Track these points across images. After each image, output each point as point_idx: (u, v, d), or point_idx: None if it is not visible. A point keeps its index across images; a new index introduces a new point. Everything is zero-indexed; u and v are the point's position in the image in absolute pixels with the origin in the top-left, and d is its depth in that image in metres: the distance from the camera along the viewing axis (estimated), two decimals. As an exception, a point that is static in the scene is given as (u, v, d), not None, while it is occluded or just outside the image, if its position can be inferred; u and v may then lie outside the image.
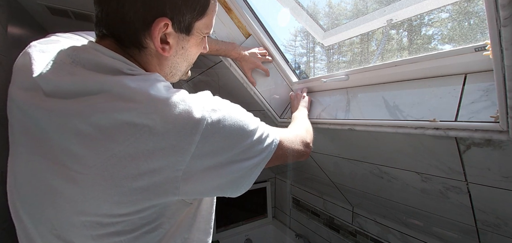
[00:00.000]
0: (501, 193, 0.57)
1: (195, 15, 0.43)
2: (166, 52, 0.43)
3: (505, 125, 0.44)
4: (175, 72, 0.49)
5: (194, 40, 0.47)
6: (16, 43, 0.89)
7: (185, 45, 0.46)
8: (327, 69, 3.55)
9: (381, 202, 0.99)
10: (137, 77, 0.37)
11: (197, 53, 0.51)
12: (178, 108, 0.36)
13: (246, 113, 0.46)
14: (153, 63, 0.45)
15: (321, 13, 2.53)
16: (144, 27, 0.39)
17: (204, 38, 0.49)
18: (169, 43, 0.43)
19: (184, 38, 0.45)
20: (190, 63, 0.51)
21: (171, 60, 0.46)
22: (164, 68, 0.47)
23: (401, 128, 0.61)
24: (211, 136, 0.37)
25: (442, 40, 1.22)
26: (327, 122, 0.82)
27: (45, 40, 0.45)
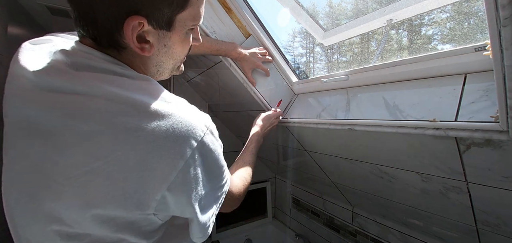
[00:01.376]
0: (501, 193, 0.57)
1: (174, 8, 0.39)
2: (146, 52, 0.39)
3: (505, 125, 0.44)
4: (162, 70, 0.46)
5: (178, 36, 0.42)
6: (16, 43, 0.89)
7: (168, 42, 0.42)
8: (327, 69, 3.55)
9: (381, 202, 0.99)
10: (131, 83, 0.36)
11: (185, 48, 0.46)
12: (169, 128, 0.34)
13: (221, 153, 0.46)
14: (136, 63, 0.42)
15: (321, 13, 2.53)
16: (118, 27, 0.36)
17: (191, 31, 0.45)
18: (150, 42, 0.39)
19: (165, 34, 0.41)
20: (177, 60, 0.47)
21: (155, 59, 0.43)
22: (149, 67, 0.44)
23: (401, 128, 0.61)
24: (197, 166, 0.37)
25: (442, 40, 1.22)
26: (327, 122, 0.82)
27: (36, 40, 0.44)
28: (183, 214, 0.40)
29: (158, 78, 0.47)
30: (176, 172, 0.34)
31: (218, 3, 0.90)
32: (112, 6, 0.34)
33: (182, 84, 1.53)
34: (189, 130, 0.36)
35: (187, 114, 0.37)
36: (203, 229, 0.42)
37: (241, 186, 0.62)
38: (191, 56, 1.15)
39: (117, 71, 0.37)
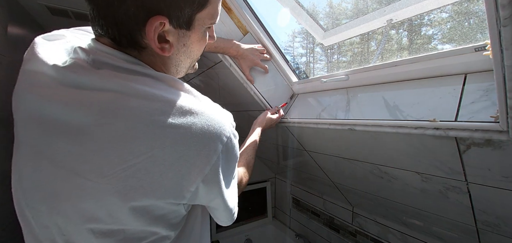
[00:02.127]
0: (501, 193, 0.57)
1: (195, 7, 0.38)
2: (166, 52, 0.39)
3: (505, 125, 0.44)
4: (179, 69, 0.47)
5: (197, 35, 0.42)
6: (16, 43, 0.89)
7: (187, 41, 0.42)
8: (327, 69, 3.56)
9: (381, 202, 0.99)
10: (157, 83, 0.37)
11: (202, 47, 0.47)
12: (204, 125, 0.36)
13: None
14: (157, 63, 0.42)
15: (321, 13, 2.53)
16: (139, 28, 0.36)
17: (208, 29, 0.45)
18: (169, 42, 0.39)
19: (185, 34, 0.41)
20: (194, 58, 0.48)
21: (174, 58, 0.43)
22: (169, 67, 0.44)
23: (401, 128, 0.61)
24: (225, 160, 0.39)
25: (442, 40, 1.22)
26: (327, 122, 0.82)
27: (49, 35, 0.44)
28: (210, 204, 0.42)
29: (176, 76, 0.48)
30: (210, 166, 0.36)
31: (218, 3, 0.90)
32: (135, 6, 0.34)
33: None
34: (220, 126, 0.37)
35: (216, 112, 0.39)
36: (230, 214, 0.46)
37: (242, 180, 0.67)
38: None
39: (139, 71, 0.37)
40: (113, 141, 0.32)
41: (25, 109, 0.36)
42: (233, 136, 0.41)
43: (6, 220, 0.82)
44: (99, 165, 0.32)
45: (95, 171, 0.32)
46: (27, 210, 0.36)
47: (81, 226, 0.34)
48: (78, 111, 0.33)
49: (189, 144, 0.34)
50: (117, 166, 0.32)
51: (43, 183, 0.34)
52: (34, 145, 0.35)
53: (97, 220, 0.34)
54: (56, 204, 0.34)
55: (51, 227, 0.35)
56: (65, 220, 0.34)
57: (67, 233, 0.35)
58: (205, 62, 1.11)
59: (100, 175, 0.32)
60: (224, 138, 0.38)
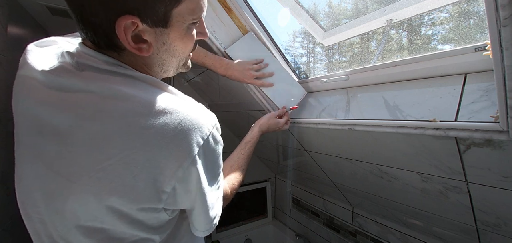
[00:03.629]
0: (501, 193, 0.57)
1: (169, 3, 0.36)
2: (144, 52, 0.38)
3: (505, 125, 0.44)
4: (166, 69, 0.45)
5: (178, 32, 0.40)
6: (16, 43, 0.89)
7: (167, 40, 0.40)
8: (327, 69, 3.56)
9: (381, 202, 0.99)
10: (136, 83, 0.37)
11: (188, 44, 0.44)
12: (177, 125, 0.35)
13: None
14: (139, 64, 0.41)
15: (321, 13, 2.53)
16: (111, 29, 0.34)
17: (194, 25, 0.43)
18: (148, 41, 0.38)
19: (163, 32, 0.39)
20: (181, 57, 0.45)
21: (156, 58, 0.41)
22: (152, 67, 0.43)
23: (401, 128, 0.61)
24: (204, 162, 0.38)
25: (442, 40, 1.22)
26: (327, 122, 0.82)
27: (41, 42, 0.45)
28: (191, 208, 0.42)
29: (163, 76, 0.47)
30: (183, 169, 0.35)
31: (218, 3, 0.90)
32: (103, 7, 0.33)
33: (182, 84, 1.53)
34: (196, 127, 0.36)
35: (194, 112, 0.37)
36: (209, 223, 0.44)
37: (228, 191, 0.62)
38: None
39: (119, 72, 0.37)
40: (89, 143, 0.33)
41: (21, 111, 0.38)
42: (213, 139, 0.39)
43: (6, 220, 0.82)
44: (79, 167, 0.33)
45: (75, 173, 0.33)
46: (29, 208, 0.37)
47: (70, 224, 0.35)
48: (61, 114, 0.34)
49: (160, 145, 0.33)
50: (92, 168, 0.33)
51: (38, 182, 0.36)
52: (30, 145, 0.36)
53: (81, 219, 0.35)
54: (50, 203, 0.35)
55: (49, 225, 0.37)
56: (57, 219, 0.36)
57: (61, 231, 0.36)
58: (205, 62, 1.11)
59: (79, 177, 0.33)
60: (201, 139, 0.37)
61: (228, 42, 0.94)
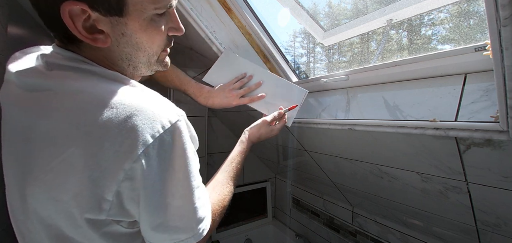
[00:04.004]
0: (501, 193, 0.57)
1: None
2: (100, 42, 0.36)
3: (505, 125, 0.44)
4: (134, 64, 0.42)
5: (138, 23, 0.37)
6: (16, 43, 0.89)
7: (125, 30, 0.37)
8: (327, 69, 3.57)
9: (381, 202, 0.99)
10: (92, 78, 0.36)
11: (156, 37, 0.41)
12: (122, 121, 0.31)
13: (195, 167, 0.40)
14: (100, 58, 0.38)
15: (321, 13, 2.53)
16: (59, 16, 0.33)
17: (161, 17, 0.40)
18: (104, 32, 0.36)
19: (119, 21, 0.36)
20: (148, 51, 0.42)
21: (117, 51, 0.39)
22: (115, 61, 0.40)
23: (401, 128, 0.61)
24: (157, 161, 0.33)
25: (442, 40, 1.22)
26: (327, 122, 0.82)
27: (26, 50, 0.46)
28: (140, 220, 0.36)
29: (136, 74, 0.44)
30: (125, 171, 0.31)
31: (218, 3, 0.90)
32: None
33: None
34: (146, 123, 0.32)
35: (148, 107, 0.33)
36: (169, 239, 0.36)
37: (217, 208, 0.53)
38: (191, 57, 1.15)
39: (81, 68, 0.36)
40: (42, 142, 0.32)
41: (4, 116, 0.38)
42: (171, 137, 0.34)
43: (6, 220, 0.82)
44: (36, 166, 0.33)
45: (34, 173, 0.33)
46: (11, 211, 0.38)
47: (39, 228, 0.35)
48: (27, 113, 0.35)
49: (101, 143, 0.30)
50: (44, 168, 0.32)
51: (16, 185, 0.36)
52: (8, 147, 0.37)
53: (46, 223, 0.34)
54: (23, 205, 0.35)
55: (23, 228, 0.37)
56: (29, 222, 0.36)
57: (34, 235, 0.36)
58: (205, 62, 1.11)
59: (36, 177, 0.32)
60: (150, 136, 0.32)
61: (228, 43, 0.94)
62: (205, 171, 1.49)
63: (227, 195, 0.59)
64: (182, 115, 0.37)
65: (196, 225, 0.38)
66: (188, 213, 0.37)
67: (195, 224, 0.38)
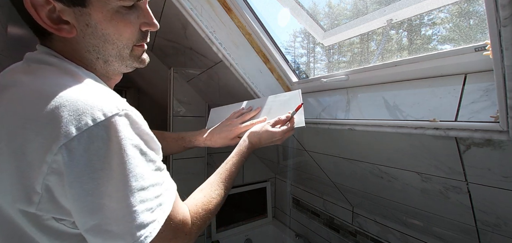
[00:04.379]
0: (501, 193, 0.57)
1: None
2: (64, 32, 0.36)
3: (505, 125, 0.44)
4: (104, 58, 0.41)
5: (102, 13, 0.38)
6: (16, 43, 0.89)
7: (89, 21, 0.37)
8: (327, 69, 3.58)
9: (381, 202, 0.99)
10: (43, 70, 0.36)
11: (124, 30, 0.41)
12: (53, 109, 0.30)
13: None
14: (67, 50, 0.39)
15: (321, 13, 2.53)
16: (22, 5, 0.34)
17: (129, 10, 0.40)
18: (69, 22, 0.36)
19: (82, 11, 0.36)
20: (118, 44, 0.41)
21: (83, 42, 0.39)
22: (82, 53, 0.40)
23: (401, 128, 0.61)
24: (86, 154, 0.31)
25: (442, 40, 1.23)
26: (327, 122, 0.82)
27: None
28: (76, 223, 0.33)
29: (109, 69, 0.44)
30: (47, 165, 0.30)
31: (218, 3, 0.90)
32: None
33: (182, 84, 1.53)
34: (71, 115, 0.30)
35: (79, 99, 0.32)
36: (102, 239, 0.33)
37: (200, 211, 0.48)
38: (193, 58, 1.15)
39: (42, 60, 0.38)
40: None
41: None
42: (106, 131, 0.31)
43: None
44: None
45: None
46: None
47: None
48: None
49: (27, 134, 0.30)
50: None
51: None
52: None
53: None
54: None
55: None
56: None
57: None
58: (205, 62, 1.11)
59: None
60: (74, 129, 0.30)
61: (228, 43, 0.94)
62: (205, 171, 1.49)
63: (215, 198, 0.54)
64: (125, 110, 0.34)
65: (136, 231, 0.34)
66: (125, 217, 0.33)
67: (134, 229, 0.33)
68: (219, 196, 0.55)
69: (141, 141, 0.36)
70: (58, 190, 0.31)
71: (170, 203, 0.40)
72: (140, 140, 0.36)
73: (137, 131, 0.36)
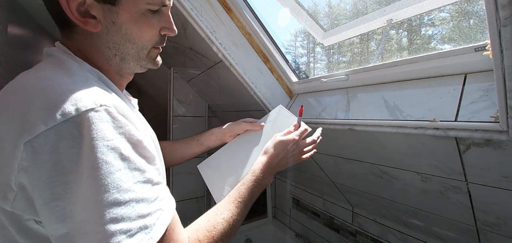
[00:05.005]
0: (501, 193, 0.57)
1: None
2: (90, 26, 0.37)
3: (505, 125, 0.44)
4: (122, 55, 0.42)
5: (129, 14, 0.39)
6: (16, 43, 0.89)
7: (116, 19, 0.38)
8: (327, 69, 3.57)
9: (381, 202, 0.99)
10: (43, 63, 0.37)
11: (146, 32, 0.42)
12: (27, 101, 0.29)
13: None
14: (87, 44, 0.40)
15: (321, 13, 2.52)
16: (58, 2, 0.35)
17: (154, 14, 0.41)
18: (96, 17, 0.37)
19: (111, 9, 0.38)
20: (138, 45, 0.42)
21: (105, 38, 0.40)
22: (101, 49, 0.40)
23: (401, 128, 0.61)
24: (55, 152, 0.27)
25: (442, 40, 1.22)
26: (327, 122, 0.82)
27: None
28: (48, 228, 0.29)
29: (123, 66, 0.44)
30: (17, 161, 0.27)
31: (218, 3, 0.90)
32: None
33: (182, 84, 1.53)
34: (41, 108, 0.28)
35: (53, 92, 0.29)
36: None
37: (202, 238, 0.41)
38: (193, 58, 1.15)
39: (49, 53, 0.39)
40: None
41: None
42: (77, 128, 0.28)
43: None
44: None
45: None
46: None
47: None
48: None
49: (6, 124, 0.29)
50: None
51: None
52: None
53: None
54: None
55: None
56: None
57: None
58: (205, 62, 1.11)
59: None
60: (43, 123, 0.27)
61: (228, 43, 0.94)
62: (205, 171, 1.49)
63: (221, 223, 0.45)
64: (104, 105, 0.30)
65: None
66: (93, 234, 0.28)
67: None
68: (225, 221, 0.46)
69: (125, 143, 0.31)
70: (31, 189, 0.28)
71: (160, 227, 0.32)
72: (123, 142, 0.31)
73: (121, 131, 0.31)
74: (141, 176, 0.32)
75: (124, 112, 0.33)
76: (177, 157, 0.77)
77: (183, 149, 0.78)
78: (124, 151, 0.31)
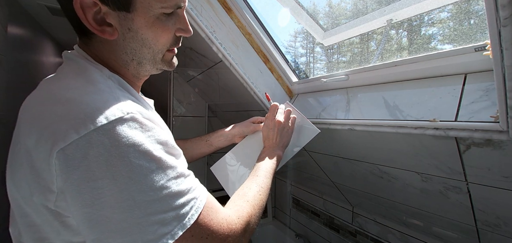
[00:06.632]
0: (501, 193, 0.57)
1: None
2: (107, 34, 0.38)
3: (505, 125, 0.44)
4: (139, 60, 0.43)
5: (144, 19, 0.39)
6: (16, 43, 0.89)
7: (132, 25, 0.39)
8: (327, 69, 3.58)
9: (381, 202, 0.99)
10: (65, 70, 0.39)
11: (162, 36, 0.42)
12: (50, 113, 0.31)
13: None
14: (105, 51, 0.41)
15: (321, 13, 2.52)
16: (72, 7, 0.36)
17: (169, 17, 0.42)
18: (112, 25, 0.38)
19: (126, 16, 0.38)
20: (154, 49, 0.43)
21: (122, 45, 0.40)
22: (120, 55, 0.41)
23: (401, 128, 0.61)
24: (85, 161, 0.29)
25: (442, 40, 1.22)
26: (327, 122, 0.82)
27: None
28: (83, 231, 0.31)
29: (140, 70, 0.45)
30: (54, 167, 0.29)
31: (218, 3, 0.90)
32: None
33: (182, 84, 1.53)
34: (73, 118, 0.30)
35: (82, 101, 0.31)
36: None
37: (245, 213, 0.46)
38: (193, 58, 1.15)
39: (73, 59, 0.40)
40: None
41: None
42: (107, 136, 0.30)
43: (6, 220, 0.82)
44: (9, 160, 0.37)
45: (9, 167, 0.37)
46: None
47: (18, 219, 0.37)
48: None
49: (33, 134, 0.31)
50: (10, 156, 0.36)
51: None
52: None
53: (20, 212, 0.36)
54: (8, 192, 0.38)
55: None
56: (12, 207, 0.38)
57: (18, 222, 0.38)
58: (205, 62, 1.11)
59: (8, 165, 0.37)
60: (75, 132, 0.29)
61: (228, 43, 0.94)
62: (205, 172, 1.49)
63: (249, 188, 0.54)
64: (131, 113, 0.32)
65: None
66: (132, 229, 0.30)
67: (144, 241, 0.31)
68: (254, 186, 0.55)
69: (155, 145, 0.33)
70: (66, 194, 0.31)
71: (194, 215, 0.35)
72: (153, 144, 0.33)
73: (149, 135, 0.33)
74: (174, 172, 0.35)
75: (149, 116, 0.35)
76: (187, 157, 0.79)
77: (192, 149, 0.82)
78: (156, 152, 0.33)
